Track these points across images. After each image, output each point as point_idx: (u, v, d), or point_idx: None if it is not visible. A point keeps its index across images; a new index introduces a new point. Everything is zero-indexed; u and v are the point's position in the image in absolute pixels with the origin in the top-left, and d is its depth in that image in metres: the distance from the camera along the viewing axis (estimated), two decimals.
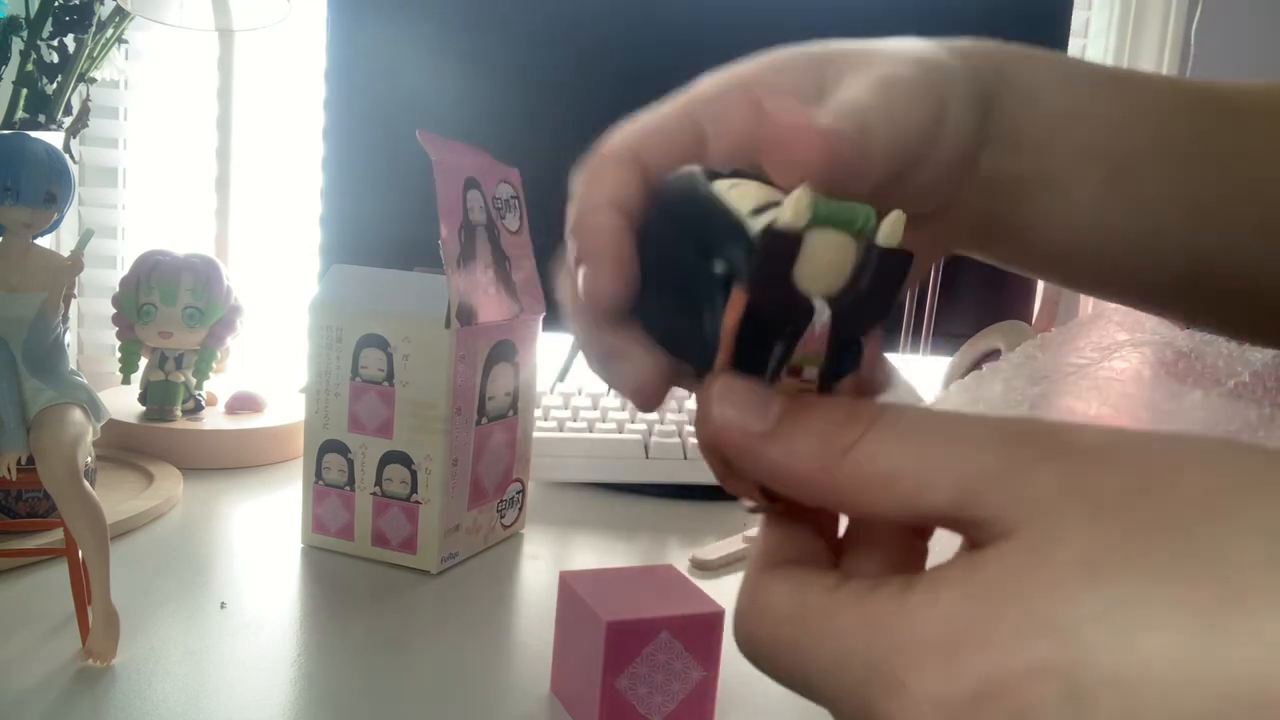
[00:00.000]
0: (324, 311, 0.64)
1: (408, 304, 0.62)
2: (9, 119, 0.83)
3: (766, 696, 0.50)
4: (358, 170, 0.90)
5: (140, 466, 0.78)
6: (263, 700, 0.47)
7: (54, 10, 0.85)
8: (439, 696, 0.49)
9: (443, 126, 0.65)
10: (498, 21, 0.91)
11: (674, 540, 0.73)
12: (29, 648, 0.50)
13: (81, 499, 0.48)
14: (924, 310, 0.93)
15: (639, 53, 0.92)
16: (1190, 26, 1.21)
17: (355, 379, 0.63)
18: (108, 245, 1.10)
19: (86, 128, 0.89)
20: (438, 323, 0.61)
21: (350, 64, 0.89)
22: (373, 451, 0.63)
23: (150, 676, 0.48)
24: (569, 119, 0.92)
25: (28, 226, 0.52)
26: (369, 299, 0.63)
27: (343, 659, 0.52)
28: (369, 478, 0.64)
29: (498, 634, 0.56)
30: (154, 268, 0.85)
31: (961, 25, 1.03)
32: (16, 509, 0.63)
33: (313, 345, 0.64)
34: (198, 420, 0.85)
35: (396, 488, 0.63)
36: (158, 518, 0.70)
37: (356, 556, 0.64)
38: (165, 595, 0.58)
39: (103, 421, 0.53)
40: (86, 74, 0.88)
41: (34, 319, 0.51)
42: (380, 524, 0.64)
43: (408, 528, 0.63)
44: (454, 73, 0.91)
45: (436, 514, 0.62)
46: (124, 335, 0.86)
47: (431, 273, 0.62)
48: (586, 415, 0.86)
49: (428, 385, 0.62)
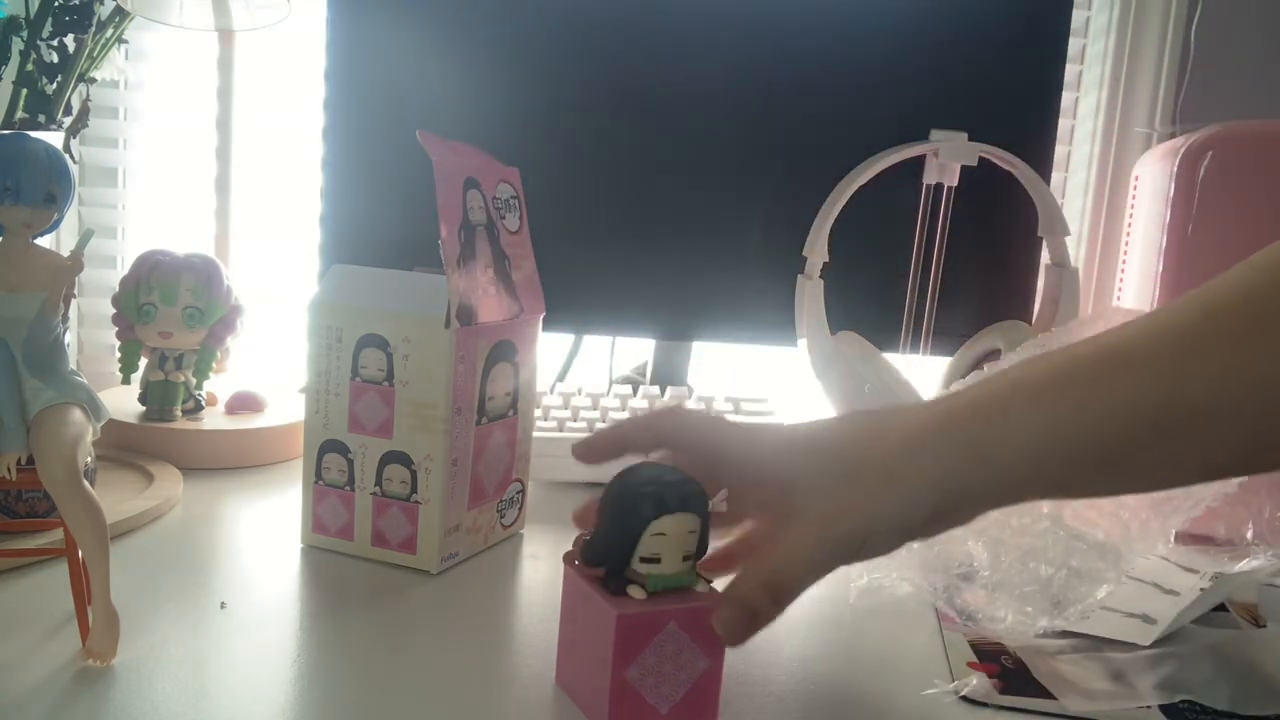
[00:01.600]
0: (324, 311, 0.64)
1: (408, 304, 0.62)
2: (9, 119, 0.83)
3: (767, 682, 0.50)
4: (358, 170, 0.90)
5: (140, 466, 0.78)
6: (263, 700, 0.47)
7: (54, 10, 0.85)
8: (440, 695, 0.49)
9: (443, 126, 0.65)
10: (498, 21, 0.91)
11: None
12: (29, 648, 0.50)
13: (81, 499, 0.48)
14: (924, 310, 0.93)
15: (639, 53, 0.92)
16: (1190, 26, 1.21)
17: (355, 379, 0.63)
18: (108, 245, 1.10)
19: (86, 128, 0.89)
20: (438, 323, 0.61)
21: (350, 64, 0.89)
22: (372, 451, 0.63)
23: (150, 676, 0.48)
24: (569, 119, 0.92)
25: (28, 226, 0.52)
26: (369, 299, 0.63)
27: (342, 659, 0.52)
28: (369, 478, 0.64)
29: (499, 632, 0.56)
30: (154, 268, 0.85)
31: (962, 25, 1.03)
32: (16, 509, 0.63)
33: (313, 345, 0.64)
34: (198, 420, 0.85)
35: (396, 488, 0.63)
36: (158, 518, 0.70)
37: (356, 557, 0.64)
38: (165, 595, 0.58)
39: (103, 421, 0.53)
40: (86, 74, 0.88)
41: (34, 319, 0.51)
42: (380, 524, 0.64)
43: (408, 528, 0.63)
44: (454, 73, 0.91)
45: (436, 514, 0.62)
46: (124, 335, 0.86)
47: (431, 272, 0.62)
48: (586, 415, 0.86)
49: (427, 385, 0.62)
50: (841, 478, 0.45)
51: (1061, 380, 0.41)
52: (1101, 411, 0.40)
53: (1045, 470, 0.41)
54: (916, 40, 0.94)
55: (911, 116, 0.89)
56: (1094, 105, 1.25)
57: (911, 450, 0.43)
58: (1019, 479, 0.42)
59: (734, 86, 0.94)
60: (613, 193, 0.93)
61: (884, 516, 0.43)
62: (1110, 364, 0.41)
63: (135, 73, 1.06)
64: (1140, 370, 0.40)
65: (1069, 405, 0.41)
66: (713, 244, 0.95)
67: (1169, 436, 0.39)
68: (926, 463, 0.43)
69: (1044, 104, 0.99)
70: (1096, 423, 0.40)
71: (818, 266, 0.86)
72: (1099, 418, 0.40)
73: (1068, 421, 0.40)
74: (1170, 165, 0.83)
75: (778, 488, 0.47)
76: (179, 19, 0.92)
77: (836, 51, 0.94)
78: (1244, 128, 0.83)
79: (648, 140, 0.92)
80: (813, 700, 0.51)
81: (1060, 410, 0.41)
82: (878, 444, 0.45)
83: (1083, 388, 0.41)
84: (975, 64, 0.96)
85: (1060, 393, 0.41)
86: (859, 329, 0.88)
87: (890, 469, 0.43)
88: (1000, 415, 0.42)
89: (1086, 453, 0.40)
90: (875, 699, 0.52)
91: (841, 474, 0.45)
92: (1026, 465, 0.41)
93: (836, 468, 0.45)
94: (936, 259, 0.92)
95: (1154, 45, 1.22)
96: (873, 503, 0.43)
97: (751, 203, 0.95)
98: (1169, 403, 0.39)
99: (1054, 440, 0.41)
